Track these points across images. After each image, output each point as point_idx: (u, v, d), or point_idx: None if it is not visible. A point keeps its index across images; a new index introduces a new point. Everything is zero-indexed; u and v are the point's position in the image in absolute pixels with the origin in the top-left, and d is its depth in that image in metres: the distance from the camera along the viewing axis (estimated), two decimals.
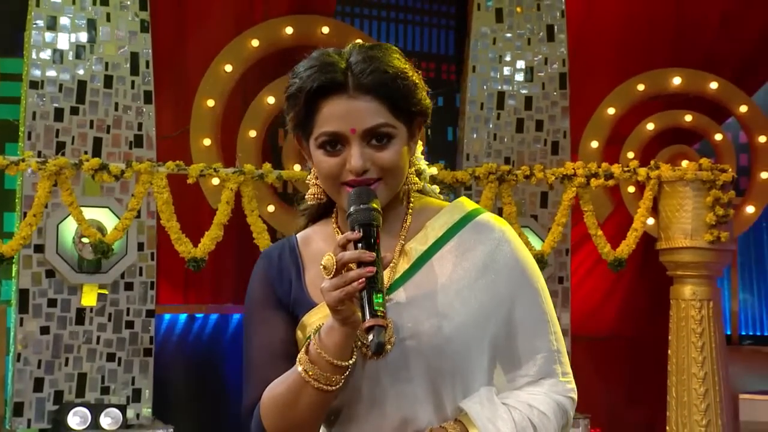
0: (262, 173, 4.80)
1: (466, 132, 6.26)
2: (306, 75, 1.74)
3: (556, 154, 6.25)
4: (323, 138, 1.72)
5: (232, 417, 6.56)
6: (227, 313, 6.58)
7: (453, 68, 8.53)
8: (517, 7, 6.38)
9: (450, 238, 1.80)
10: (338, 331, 1.62)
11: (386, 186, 1.73)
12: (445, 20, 8.53)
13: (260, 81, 6.42)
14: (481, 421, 1.70)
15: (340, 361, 1.64)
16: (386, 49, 1.76)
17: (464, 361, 1.73)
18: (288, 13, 6.53)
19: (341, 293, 1.57)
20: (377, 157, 1.71)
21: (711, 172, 4.73)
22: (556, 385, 1.80)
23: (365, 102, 1.70)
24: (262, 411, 1.73)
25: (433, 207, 1.87)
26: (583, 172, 4.92)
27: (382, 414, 1.73)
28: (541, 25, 6.36)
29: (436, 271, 1.76)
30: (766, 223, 7.88)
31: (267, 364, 1.78)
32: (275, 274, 1.84)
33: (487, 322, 1.75)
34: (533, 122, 6.29)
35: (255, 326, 1.83)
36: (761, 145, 6.52)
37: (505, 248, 1.80)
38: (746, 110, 6.55)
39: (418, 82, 1.77)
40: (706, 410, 4.68)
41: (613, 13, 6.92)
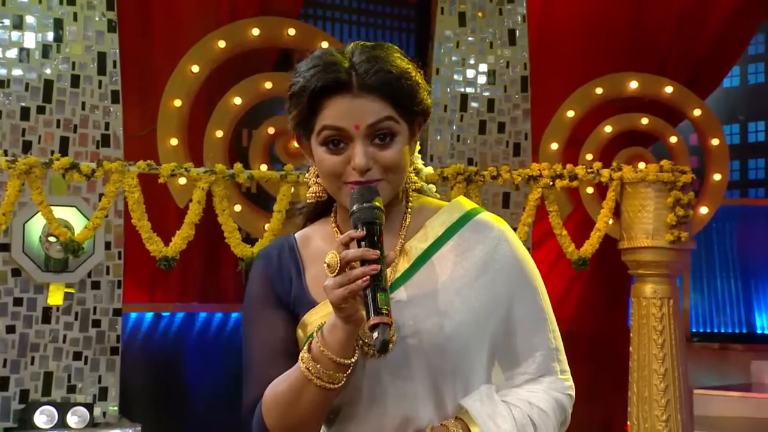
0: (234, 173, 4.74)
1: (429, 133, 6.26)
2: (309, 74, 1.71)
3: (517, 155, 6.28)
4: (327, 132, 1.71)
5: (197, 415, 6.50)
6: (194, 311, 6.51)
7: None
8: (478, 12, 6.39)
9: (450, 237, 1.79)
10: (341, 329, 1.60)
11: (389, 185, 1.72)
12: (405, 23, 8.54)
13: (227, 82, 6.37)
14: (481, 418, 1.70)
15: (342, 359, 1.62)
16: (388, 49, 1.75)
17: (465, 360, 1.73)
18: (254, 14, 6.48)
19: (345, 291, 1.55)
20: (380, 156, 1.70)
21: (672, 174, 4.78)
22: (555, 383, 1.80)
23: (369, 100, 1.69)
24: (263, 409, 1.71)
25: (431, 206, 1.86)
26: (548, 173, 4.94)
27: (383, 412, 1.72)
28: (503, 29, 6.37)
29: (437, 269, 1.75)
30: (716, 224, 7.98)
31: (267, 363, 1.75)
32: (275, 273, 1.82)
33: (487, 321, 1.75)
34: (495, 124, 6.31)
35: (255, 325, 1.81)
36: (714, 148, 6.60)
37: (504, 247, 1.79)
38: (700, 114, 6.63)
39: (420, 82, 1.76)
40: (666, 405, 4.72)
41: (572, 18, 6.96)
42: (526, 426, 1.72)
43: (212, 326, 6.55)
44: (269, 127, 6.39)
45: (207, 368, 6.55)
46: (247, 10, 6.58)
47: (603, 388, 7.24)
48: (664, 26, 7.01)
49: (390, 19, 8.48)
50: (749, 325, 8.37)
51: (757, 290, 8.37)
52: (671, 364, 4.75)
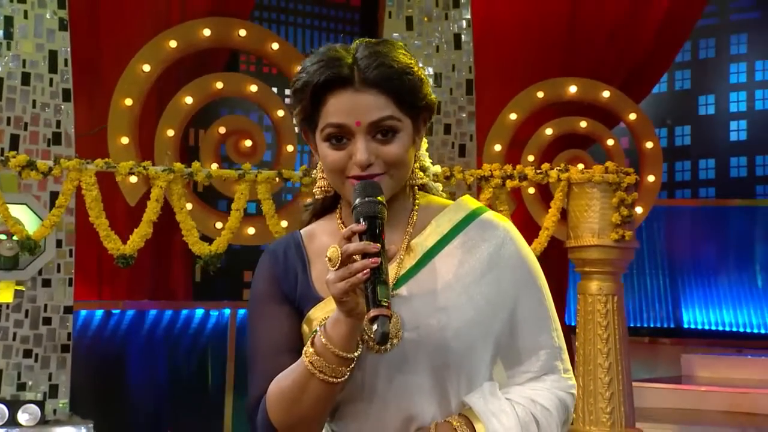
0: (192, 172, 4.66)
1: None
2: (312, 69, 1.69)
3: (463, 156, 6.31)
4: (329, 130, 1.68)
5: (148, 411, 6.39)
6: (144, 308, 6.39)
7: None
8: (425, 17, 6.40)
9: (456, 235, 1.77)
10: (344, 322, 1.58)
11: (391, 179, 1.70)
12: (350, 26, 8.53)
13: (178, 81, 6.28)
14: (485, 415, 1.68)
15: (345, 353, 1.59)
16: (392, 45, 1.73)
17: (469, 357, 1.71)
18: (205, 15, 6.39)
19: (346, 284, 1.53)
20: (382, 151, 1.67)
21: (617, 175, 4.84)
22: (559, 381, 1.78)
23: (371, 96, 1.66)
24: (268, 404, 1.68)
25: (437, 204, 1.84)
26: (499, 173, 4.97)
27: (387, 408, 1.69)
28: (449, 33, 6.40)
29: (442, 267, 1.73)
30: (645, 224, 8.13)
31: (272, 358, 1.72)
32: (281, 269, 1.79)
33: (492, 319, 1.73)
34: (442, 126, 6.33)
35: (260, 321, 1.78)
36: (648, 151, 6.72)
37: (509, 246, 1.78)
38: (635, 117, 6.74)
39: (424, 78, 1.73)
40: (610, 398, 4.79)
41: (514, 25, 7.03)
42: (529, 423, 1.70)
43: (162, 324, 6.44)
44: (220, 126, 6.31)
45: (157, 365, 6.45)
46: (197, 10, 6.49)
47: None
48: (598, 35, 7.12)
49: (335, 22, 8.47)
50: (676, 319, 8.56)
51: (683, 286, 8.57)
52: (615, 358, 4.82)
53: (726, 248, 8.41)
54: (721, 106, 9.06)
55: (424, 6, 6.39)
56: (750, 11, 8.96)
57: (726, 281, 8.41)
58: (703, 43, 9.01)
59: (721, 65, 9.07)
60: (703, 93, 9.16)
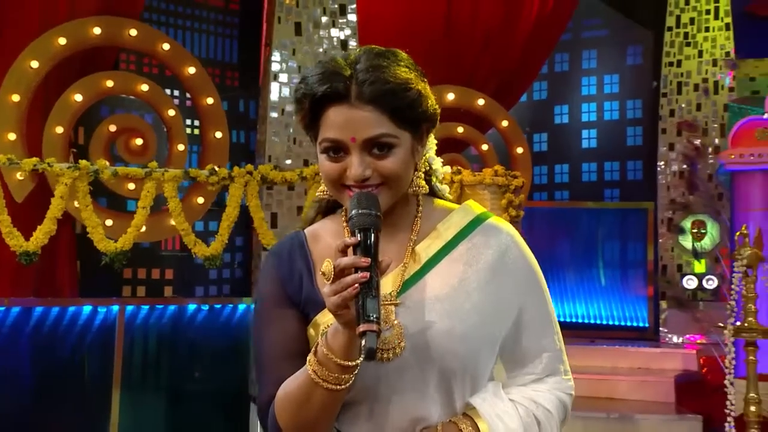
0: (98, 169, 4.49)
1: (268, 135, 6.22)
2: (312, 81, 1.64)
3: None
4: (325, 144, 1.64)
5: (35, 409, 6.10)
6: (30, 306, 6.09)
7: (237, 75, 8.43)
8: (313, 23, 6.40)
9: (460, 241, 1.74)
10: (342, 333, 1.54)
11: (389, 190, 1.64)
12: (230, 30, 8.40)
13: (67, 78, 6.03)
14: (490, 416, 1.67)
15: (347, 362, 1.55)
16: (393, 57, 1.66)
17: (475, 361, 1.68)
18: (94, 13, 6.16)
19: (338, 299, 1.49)
20: (379, 165, 1.62)
21: (505, 178, 4.98)
22: (560, 383, 1.78)
23: (366, 112, 1.60)
24: (276, 409, 1.65)
25: (442, 209, 1.80)
26: None
27: (393, 410, 1.67)
28: (337, 39, 6.42)
29: (448, 272, 1.70)
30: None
31: (280, 362, 1.68)
32: (285, 272, 1.75)
33: (497, 323, 1.71)
34: None
35: (266, 324, 1.73)
36: (519, 155, 6.95)
37: (514, 251, 1.75)
38: (507, 124, 6.96)
39: (422, 91, 1.66)
40: None
41: (395, 31, 7.10)
42: (531, 424, 1.70)
43: (48, 321, 6.15)
44: (110, 124, 6.10)
45: (43, 362, 6.16)
46: (86, 9, 6.24)
47: None
48: (472, 46, 7.30)
49: (215, 25, 8.32)
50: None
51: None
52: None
53: (577, 247, 8.77)
54: (574, 116, 9.45)
55: (312, 13, 6.39)
56: (600, 29, 9.38)
57: (579, 277, 8.77)
58: (559, 57, 9.36)
59: (574, 78, 9.45)
60: (559, 103, 9.51)
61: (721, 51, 8.17)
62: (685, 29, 8.29)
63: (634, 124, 9.13)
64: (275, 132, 6.24)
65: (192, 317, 6.59)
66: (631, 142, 9.13)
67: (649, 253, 8.32)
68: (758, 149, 5.61)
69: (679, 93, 8.17)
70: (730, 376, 4.36)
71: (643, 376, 6.68)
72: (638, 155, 9.02)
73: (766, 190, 5.69)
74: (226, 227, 5.03)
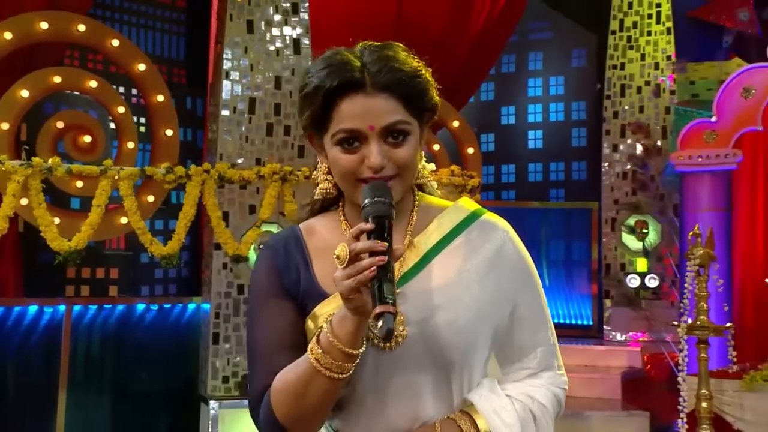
0: (51, 167, 4.37)
1: (219, 134, 6.13)
2: (323, 74, 1.64)
3: (302, 157, 6.29)
4: (341, 135, 1.64)
5: None
6: None
7: (183, 72, 8.32)
8: (266, 21, 6.33)
9: (458, 235, 1.75)
10: (350, 320, 1.54)
11: (401, 182, 1.67)
12: (176, 26, 8.28)
13: (11, 74, 5.85)
14: (487, 412, 1.67)
15: (351, 350, 1.56)
16: (397, 48, 1.70)
17: (472, 354, 1.69)
18: (41, 8, 6.00)
19: (353, 282, 1.49)
20: (394, 154, 1.64)
21: (462, 178, 4.99)
22: (554, 378, 1.79)
23: (382, 100, 1.63)
24: (272, 399, 1.63)
25: (437, 205, 1.82)
26: None
27: (391, 405, 1.66)
28: (289, 38, 6.36)
29: (445, 265, 1.71)
30: None
31: (275, 353, 1.67)
32: (282, 264, 1.74)
33: (493, 317, 1.72)
34: (282, 127, 6.28)
35: (262, 316, 1.72)
36: (470, 155, 6.98)
37: (509, 247, 1.77)
38: (458, 125, 6.97)
39: (430, 80, 1.71)
40: None
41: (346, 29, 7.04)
42: (527, 419, 1.71)
43: None
44: (58, 121, 5.94)
45: None
46: (33, 3, 6.08)
47: None
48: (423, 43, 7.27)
49: (161, 21, 8.19)
50: None
51: None
52: None
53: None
54: (521, 117, 9.53)
55: (264, 11, 6.32)
56: (546, 31, 9.48)
57: None
58: (506, 58, 9.42)
59: (520, 79, 9.52)
60: (506, 104, 9.58)
61: (663, 54, 8.31)
62: (628, 33, 8.41)
63: (579, 125, 9.24)
64: (227, 130, 6.15)
65: (140, 317, 6.47)
66: (576, 143, 9.24)
67: (593, 252, 8.43)
68: (706, 151, 5.72)
69: (623, 95, 8.29)
70: (683, 373, 4.43)
71: (589, 373, 6.77)
72: (583, 156, 9.13)
73: (713, 191, 5.80)
74: (183, 226, 4.95)
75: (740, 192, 5.82)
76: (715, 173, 5.75)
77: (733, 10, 7.60)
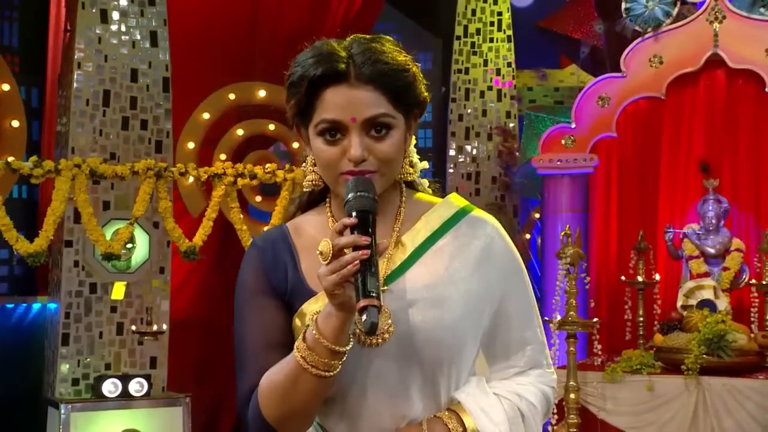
0: None
1: (71, 126, 5.80)
2: (308, 63, 1.63)
3: (159, 152, 6.03)
4: (323, 125, 1.62)
5: None
6: None
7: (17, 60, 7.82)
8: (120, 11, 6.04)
9: (446, 232, 1.73)
10: (335, 316, 1.52)
11: (382, 177, 1.65)
12: (8, 12, 7.76)
13: None
14: (475, 411, 1.66)
15: (337, 347, 1.53)
16: (386, 41, 1.68)
17: (460, 352, 1.67)
18: None
19: (337, 277, 1.48)
20: (375, 148, 1.62)
21: None
22: (543, 376, 1.78)
23: (366, 92, 1.61)
24: (260, 399, 1.60)
25: (425, 201, 1.79)
26: (232, 171, 4.86)
27: (378, 404, 1.64)
28: (145, 30, 6.10)
29: (434, 263, 1.69)
30: None
31: (262, 353, 1.65)
32: (269, 262, 1.71)
33: (482, 314, 1.70)
34: (138, 121, 6.00)
35: (249, 314, 1.69)
36: None
37: (498, 243, 1.75)
38: None
39: (417, 75, 1.69)
40: None
41: (203, 26, 6.87)
42: (516, 418, 1.69)
43: None
44: None
45: None
46: None
47: (216, 372, 7.25)
48: (278, 42, 7.20)
49: None
50: None
51: None
52: None
53: None
54: None
55: (119, 1, 6.04)
56: (392, 34, 9.08)
57: None
58: None
59: None
60: None
61: (504, 61, 8.60)
62: (471, 39, 8.63)
63: (424, 126, 9.40)
64: (79, 123, 5.82)
65: None
66: (421, 144, 9.39)
67: None
68: (566, 155, 5.98)
69: (467, 99, 8.49)
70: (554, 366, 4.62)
71: None
72: (427, 157, 9.30)
73: (572, 194, 6.06)
74: (52, 223, 4.65)
75: (596, 194, 6.10)
76: (573, 176, 6.02)
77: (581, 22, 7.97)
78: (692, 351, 5.03)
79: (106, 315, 5.80)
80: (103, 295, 5.76)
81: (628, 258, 5.82)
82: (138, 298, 5.85)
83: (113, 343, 5.82)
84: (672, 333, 5.34)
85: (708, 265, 5.72)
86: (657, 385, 5.16)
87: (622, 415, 5.09)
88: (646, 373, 5.16)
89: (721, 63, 5.95)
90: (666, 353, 5.26)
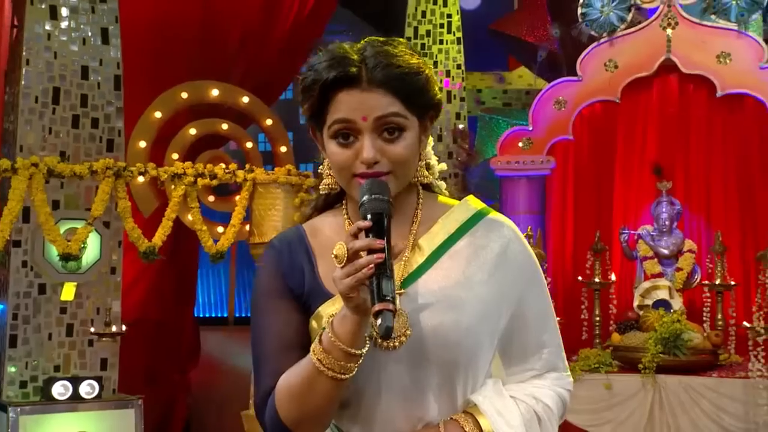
0: None
1: (20, 124, 5.62)
2: (321, 67, 1.64)
3: (111, 151, 5.87)
4: (336, 126, 1.63)
5: None
6: None
7: None
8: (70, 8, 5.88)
9: (463, 235, 1.72)
10: (351, 319, 1.52)
11: (396, 179, 1.64)
12: None
13: None
14: (491, 413, 1.65)
15: (353, 349, 1.53)
16: (399, 44, 1.68)
17: (477, 354, 1.67)
18: None
19: (352, 280, 1.48)
20: (388, 150, 1.63)
21: (298, 177, 4.92)
22: (560, 379, 1.78)
23: (378, 95, 1.62)
24: (276, 401, 1.61)
25: (442, 203, 1.78)
26: (192, 171, 4.76)
27: (395, 406, 1.63)
28: (96, 27, 5.95)
29: (451, 265, 1.68)
30: None
31: (279, 355, 1.65)
32: (286, 264, 1.71)
33: (499, 317, 1.70)
34: (89, 119, 5.83)
35: (266, 316, 1.69)
36: (282, 153, 6.88)
37: (515, 246, 1.75)
38: (271, 123, 6.85)
39: (431, 78, 1.68)
40: None
41: (154, 23, 6.73)
42: (532, 420, 1.69)
43: None
44: None
45: None
46: None
47: (167, 371, 7.14)
48: (230, 40, 7.10)
49: None
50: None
51: None
52: None
53: None
54: None
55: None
56: (343, 34, 9.46)
57: None
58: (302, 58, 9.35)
59: None
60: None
61: (454, 63, 8.61)
62: (422, 40, 8.61)
63: None
64: (28, 121, 5.64)
65: None
66: None
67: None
68: (523, 157, 6.01)
69: None
70: None
71: None
72: None
73: (529, 195, 6.10)
74: (8, 222, 4.50)
75: (553, 196, 6.14)
76: (531, 178, 6.05)
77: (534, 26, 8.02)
78: (649, 350, 5.09)
79: (56, 316, 5.64)
80: (53, 296, 5.60)
81: (584, 258, 5.86)
82: (88, 299, 5.70)
83: (63, 344, 5.66)
84: (629, 332, 5.39)
85: (662, 266, 5.79)
86: (615, 384, 5.22)
87: (581, 414, 5.13)
88: (605, 372, 5.22)
89: (674, 68, 6.03)
90: (623, 352, 5.32)
